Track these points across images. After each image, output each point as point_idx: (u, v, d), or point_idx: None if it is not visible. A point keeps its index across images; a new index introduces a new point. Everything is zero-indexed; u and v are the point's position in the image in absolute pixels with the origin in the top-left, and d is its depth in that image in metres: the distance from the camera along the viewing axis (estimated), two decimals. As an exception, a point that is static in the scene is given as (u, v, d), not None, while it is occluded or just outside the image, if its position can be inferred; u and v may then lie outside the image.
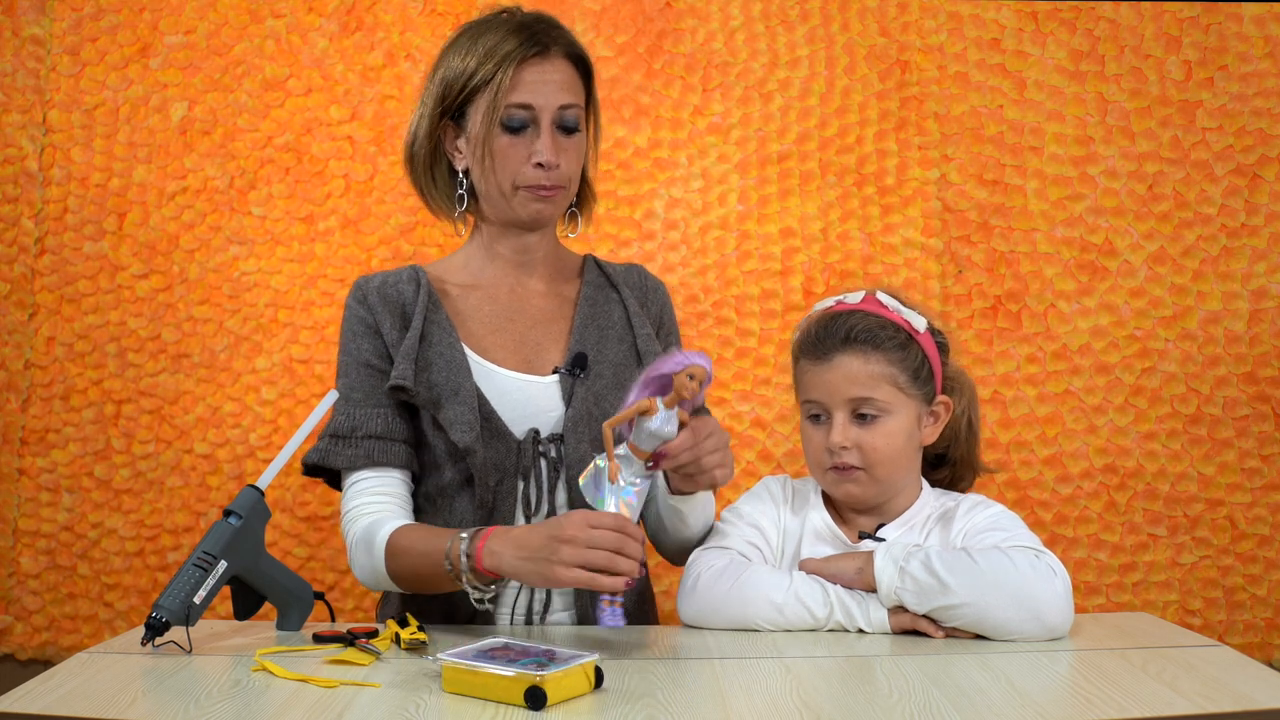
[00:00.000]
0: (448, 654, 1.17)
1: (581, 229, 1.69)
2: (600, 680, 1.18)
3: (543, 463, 1.55)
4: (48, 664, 2.19)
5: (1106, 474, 2.28)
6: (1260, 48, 2.33)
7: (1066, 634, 1.37)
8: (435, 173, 1.64)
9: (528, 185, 1.56)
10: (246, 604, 1.43)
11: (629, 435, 1.34)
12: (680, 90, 2.34)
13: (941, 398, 1.52)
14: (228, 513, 1.38)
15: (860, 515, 1.53)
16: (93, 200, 2.31)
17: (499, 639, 1.26)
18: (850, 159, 2.33)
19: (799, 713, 1.08)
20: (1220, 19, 2.34)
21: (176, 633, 1.33)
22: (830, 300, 1.55)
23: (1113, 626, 1.47)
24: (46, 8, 2.33)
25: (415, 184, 1.66)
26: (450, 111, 1.59)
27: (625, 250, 2.30)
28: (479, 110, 1.56)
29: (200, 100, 2.32)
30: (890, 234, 2.31)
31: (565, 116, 1.57)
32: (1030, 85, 2.34)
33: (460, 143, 1.61)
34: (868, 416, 1.46)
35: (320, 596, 1.48)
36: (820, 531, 1.51)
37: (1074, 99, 2.34)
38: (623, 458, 1.33)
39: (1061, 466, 2.28)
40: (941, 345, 1.55)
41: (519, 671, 1.13)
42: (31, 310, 2.30)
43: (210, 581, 1.35)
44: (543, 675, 1.12)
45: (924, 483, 1.55)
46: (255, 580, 1.41)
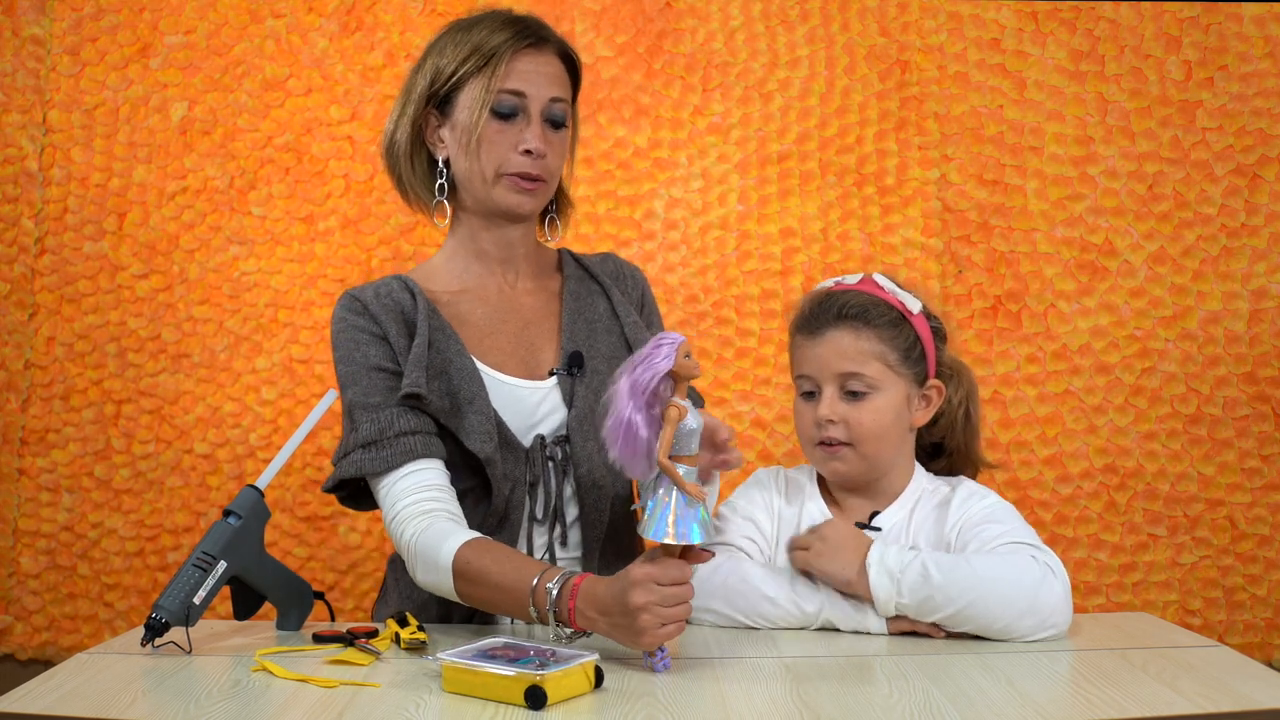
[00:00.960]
0: (447, 654, 1.17)
1: (561, 235, 1.69)
2: (600, 680, 1.18)
3: (550, 466, 1.55)
4: (48, 664, 2.19)
5: (1106, 474, 2.28)
6: (1260, 48, 2.33)
7: (1065, 633, 1.37)
8: (415, 162, 1.64)
9: (512, 173, 1.56)
10: (246, 604, 1.43)
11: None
12: (680, 90, 2.34)
13: (934, 381, 1.51)
14: (227, 513, 1.38)
15: (853, 497, 1.52)
16: (93, 200, 2.31)
17: (499, 639, 1.26)
18: (850, 159, 2.33)
19: (799, 713, 1.08)
20: (1220, 19, 2.34)
21: (176, 633, 1.33)
22: (830, 281, 1.56)
23: (1113, 626, 1.47)
24: (46, 8, 2.33)
25: (392, 172, 1.66)
26: (436, 99, 1.60)
27: (625, 250, 2.30)
28: (469, 95, 1.56)
29: (200, 100, 2.32)
30: (890, 234, 2.31)
31: (554, 110, 1.57)
32: (1030, 85, 2.34)
33: (443, 132, 1.60)
34: (857, 393, 1.46)
35: (320, 596, 1.48)
36: (816, 520, 1.51)
37: (1074, 99, 2.34)
38: (688, 473, 1.24)
39: (1061, 466, 2.28)
40: (936, 330, 1.54)
41: (519, 671, 1.13)
42: (31, 310, 2.30)
43: (210, 582, 1.35)
44: (543, 675, 1.12)
45: (917, 466, 1.55)
46: (255, 580, 1.41)
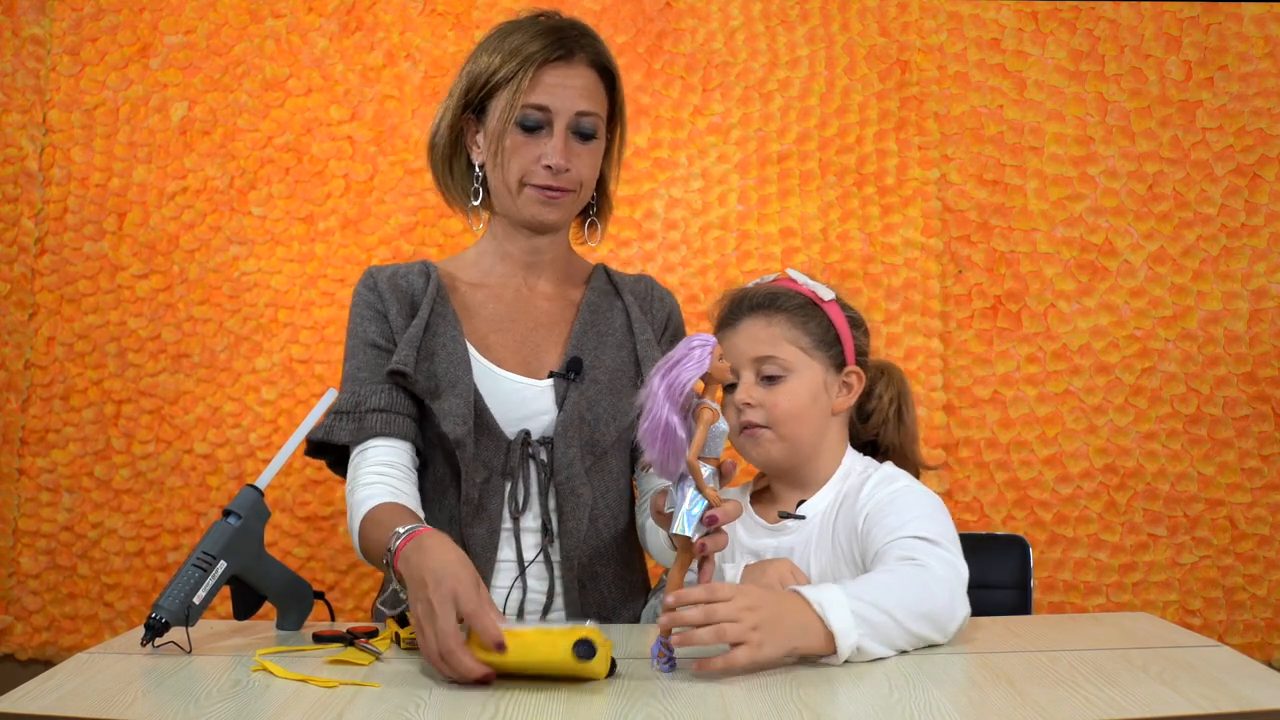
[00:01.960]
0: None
1: (601, 238, 1.70)
2: (614, 669, 1.19)
3: (532, 465, 1.55)
4: (48, 664, 2.19)
5: (1106, 474, 2.28)
6: (1260, 48, 2.33)
7: (962, 629, 1.34)
8: (454, 164, 1.65)
9: (535, 184, 1.57)
10: (246, 604, 1.43)
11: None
12: (680, 90, 2.34)
13: (852, 367, 1.52)
14: (227, 513, 1.38)
15: (781, 486, 1.53)
16: (93, 200, 2.31)
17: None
18: (850, 159, 2.33)
19: (799, 712, 1.08)
20: (1220, 19, 2.34)
21: (176, 633, 1.33)
22: (754, 282, 1.59)
23: (1113, 626, 1.47)
24: (46, 8, 2.33)
25: (434, 173, 1.67)
26: (473, 105, 1.60)
27: (625, 250, 2.30)
28: (498, 104, 1.57)
29: (200, 100, 2.32)
30: (890, 234, 2.31)
31: (582, 123, 1.57)
32: (1030, 85, 2.34)
33: (479, 137, 1.61)
34: (773, 377, 1.48)
35: (320, 596, 1.48)
36: (746, 539, 1.51)
37: (1074, 99, 2.34)
38: (710, 475, 1.24)
39: (1061, 466, 2.28)
40: (852, 319, 1.55)
41: (572, 625, 1.16)
42: (31, 310, 2.30)
43: (210, 582, 1.35)
44: (593, 626, 1.15)
45: (849, 452, 1.54)
46: (255, 580, 1.41)
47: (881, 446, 1.59)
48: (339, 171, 2.32)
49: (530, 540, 1.55)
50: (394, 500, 1.47)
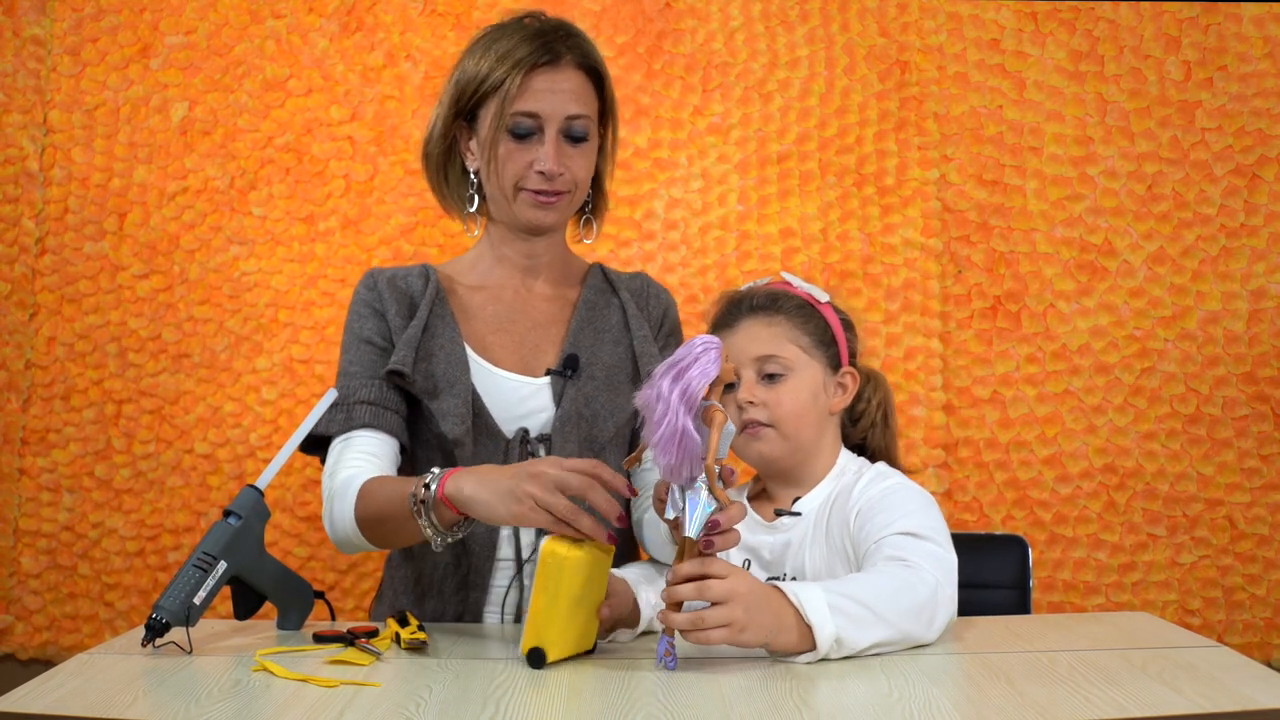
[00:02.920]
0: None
1: (597, 235, 1.71)
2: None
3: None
4: (48, 664, 2.19)
5: (1106, 474, 2.28)
6: (1260, 48, 2.33)
7: (949, 626, 1.35)
8: (448, 171, 1.66)
9: (528, 189, 1.58)
10: (247, 604, 1.43)
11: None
12: (680, 90, 2.34)
13: (847, 368, 1.56)
14: (228, 513, 1.38)
15: (777, 485, 1.55)
16: (93, 200, 2.31)
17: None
18: (850, 159, 2.33)
19: (799, 712, 1.08)
20: (1220, 19, 2.34)
21: (177, 633, 1.33)
22: (749, 285, 1.63)
23: (1112, 626, 1.47)
24: (47, 8, 2.33)
25: (429, 181, 1.68)
26: (464, 113, 1.61)
27: (625, 250, 2.30)
28: (489, 114, 1.57)
29: (201, 100, 2.32)
30: (890, 234, 2.31)
31: (573, 126, 1.57)
32: (1030, 85, 2.34)
33: (473, 144, 1.62)
34: (774, 375, 1.51)
35: (320, 596, 1.48)
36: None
37: (1074, 99, 2.33)
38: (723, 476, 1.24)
39: (1061, 466, 2.28)
40: (845, 321, 1.59)
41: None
42: (32, 310, 2.30)
43: (210, 582, 1.35)
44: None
45: (843, 452, 1.57)
46: (255, 580, 1.41)
47: (869, 449, 1.62)
48: (339, 171, 2.32)
49: (528, 539, 1.56)
50: (385, 475, 1.49)
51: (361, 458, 1.52)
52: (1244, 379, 2.29)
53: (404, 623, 1.36)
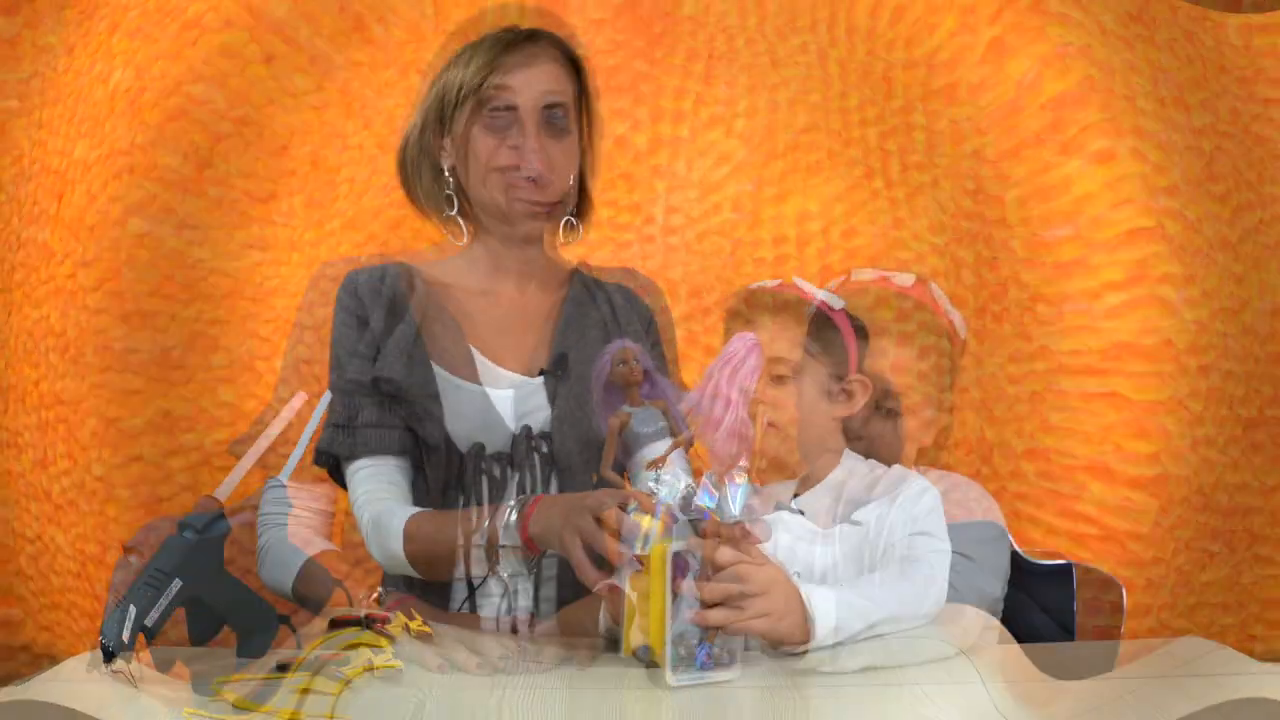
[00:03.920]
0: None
1: (580, 237, 1.86)
2: None
3: (536, 457, 1.73)
4: (53, 660, 2.20)
5: (1157, 484, 2.27)
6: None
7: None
8: (421, 169, 1.80)
9: (501, 167, 1.72)
10: (203, 628, 1.42)
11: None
12: (680, 78, 2.35)
13: (855, 376, 1.75)
14: (182, 526, 1.38)
15: (779, 486, 1.73)
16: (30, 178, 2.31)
17: None
18: (855, 153, 2.33)
19: (799, 712, 1.12)
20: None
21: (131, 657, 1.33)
22: (758, 284, 1.86)
23: (1165, 654, 1.47)
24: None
25: (404, 183, 1.84)
26: (446, 119, 1.75)
27: (625, 251, 2.32)
28: (465, 111, 1.74)
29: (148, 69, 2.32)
30: (899, 228, 2.31)
31: (553, 115, 1.74)
32: (1074, 51, 2.34)
33: (446, 140, 1.78)
34: (781, 377, 1.71)
35: (286, 620, 1.48)
36: None
37: (1123, 66, 2.33)
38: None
39: (1108, 474, 2.27)
40: (859, 328, 1.79)
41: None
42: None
43: (163, 602, 1.34)
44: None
45: (846, 453, 1.77)
46: (213, 602, 1.40)
47: (875, 452, 1.84)
48: (342, 176, 2.32)
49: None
50: (423, 510, 1.67)
51: (380, 489, 1.70)
52: (1306, 379, 2.29)
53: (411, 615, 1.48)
